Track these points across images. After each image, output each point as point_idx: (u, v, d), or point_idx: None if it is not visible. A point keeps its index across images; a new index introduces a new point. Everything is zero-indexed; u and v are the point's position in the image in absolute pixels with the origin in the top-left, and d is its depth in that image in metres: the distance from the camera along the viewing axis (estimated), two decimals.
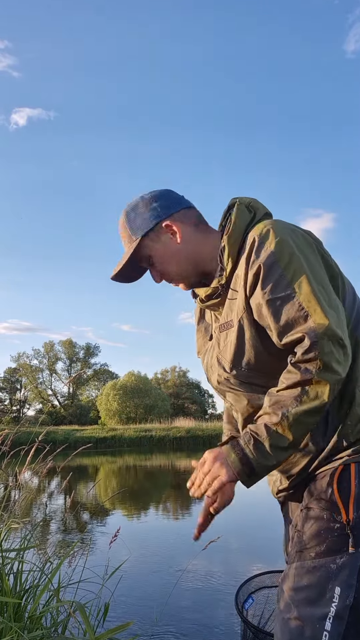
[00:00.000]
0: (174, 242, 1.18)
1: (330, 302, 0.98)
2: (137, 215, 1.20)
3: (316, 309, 0.95)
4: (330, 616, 0.93)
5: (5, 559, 1.94)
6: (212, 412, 53.01)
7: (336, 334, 0.94)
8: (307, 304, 0.96)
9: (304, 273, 0.99)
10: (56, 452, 2.54)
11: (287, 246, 1.01)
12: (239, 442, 1.00)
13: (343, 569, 0.94)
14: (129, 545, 4.57)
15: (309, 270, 1.00)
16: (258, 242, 1.04)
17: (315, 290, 0.97)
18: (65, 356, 48.82)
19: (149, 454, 21.07)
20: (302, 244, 1.04)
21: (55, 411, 45.76)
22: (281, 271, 1.00)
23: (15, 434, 2.46)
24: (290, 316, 0.98)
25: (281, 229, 1.05)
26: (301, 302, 0.97)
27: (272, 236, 1.03)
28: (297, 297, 0.97)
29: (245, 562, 4.46)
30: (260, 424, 0.98)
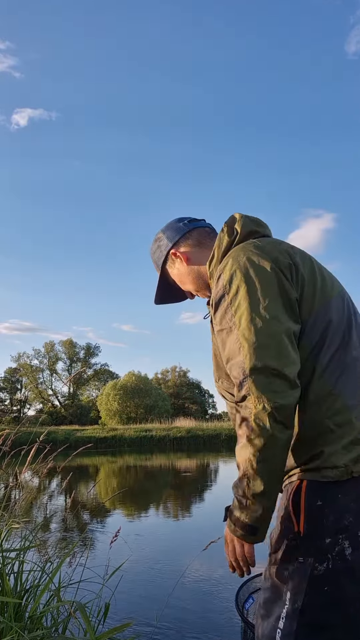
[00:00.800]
0: (183, 266, 1.36)
1: (269, 334, 1.02)
2: (156, 248, 1.42)
3: (248, 344, 1.02)
4: (283, 617, 1.03)
5: (6, 559, 1.94)
6: (213, 412, 53.04)
7: (267, 366, 0.99)
8: (242, 338, 1.03)
9: (247, 307, 1.05)
10: (57, 452, 2.54)
11: (237, 279, 1.10)
12: (233, 512, 1.09)
13: (294, 575, 1.04)
14: (130, 545, 4.57)
15: (252, 305, 1.05)
16: (218, 273, 1.16)
17: (253, 324, 1.03)
18: (65, 356, 48.84)
19: (149, 454, 21.07)
20: (255, 276, 1.09)
21: (55, 411, 45.76)
22: (227, 304, 1.09)
23: (16, 434, 2.46)
24: (229, 349, 1.07)
25: (239, 259, 1.12)
26: (238, 335, 1.04)
27: (228, 268, 1.13)
28: (236, 330, 1.05)
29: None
30: (236, 482, 1.06)
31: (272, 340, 1.02)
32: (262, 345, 1.01)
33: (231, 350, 1.06)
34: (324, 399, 1.06)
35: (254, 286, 1.08)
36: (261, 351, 1.00)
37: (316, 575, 1.02)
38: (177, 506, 7.86)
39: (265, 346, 1.01)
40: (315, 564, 1.02)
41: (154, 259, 1.44)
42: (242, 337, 1.03)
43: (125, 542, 4.45)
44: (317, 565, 1.02)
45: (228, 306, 1.09)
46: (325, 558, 1.02)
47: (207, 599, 3.45)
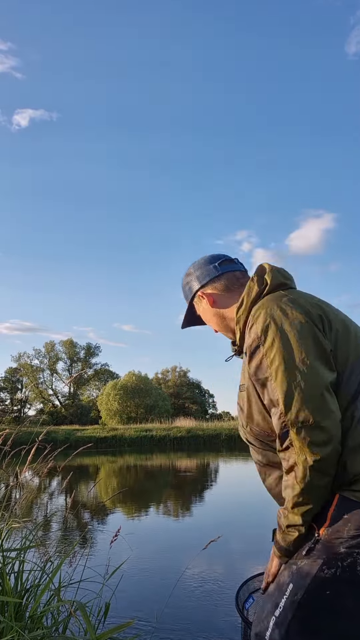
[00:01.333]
0: (208, 307, 1.46)
1: (307, 387, 1.08)
2: (186, 284, 1.53)
3: (286, 397, 1.09)
4: (281, 606, 1.11)
5: (6, 559, 1.94)
6: (213, 412, 53.04)
7: (307, 419, 1.06)
8: (279, 391, 1.10)
9: (283, 360, 1.12)
10: (57, 452, 2.54)
11: (271, 331, 1.15)
12: (275, 535, 1.21)
13: (301, 571, 1.11)
14: (130, 544, 4.57)
15: (288, 357, 1.12)
16: (251, 322, 1.22)
17: (290, 377, 1.10)
18: (66, 356, 48.84)
19: (149, 453, 21.07)
20: (289, 328, 1.15)
21: (56, 411, 45.77)
22: (263, 355, 1.15)
23: (16, 433, 2.47)
24: (267, 400, 1.15)
25: (273, 311, 1.18)
26: (275, 387, 1.11)
27: (261, 318, 1.18)
28: (272, 382, 1.12)
29: (246, 561, 4.46)
30: (279, 512, 1.18)
31: (311, 393, 1.08)
32: (300, 399, 1.07)
33: (269, 402, 1.14)
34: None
35: (289, 338, 1.13)
36: (300, 404, 1.07)
37: (321, 577, 1.07)
38: (177, 506, 7.86)
39: (303, 399, 1.07)
40: (324, 567, 1.08)
41: (184, 293, 1.55)
42: (280, 390, 1.10)
43: (126, 542, 4.45)
44: (324, 568, 1.07)
45: (263, 358, 1.15)
46: (335, 565, 1.07)
47: (207, 598, 3.45)
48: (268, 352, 1.14)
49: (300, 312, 1.17)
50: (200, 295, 1.48)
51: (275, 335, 1.14)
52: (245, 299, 1.32)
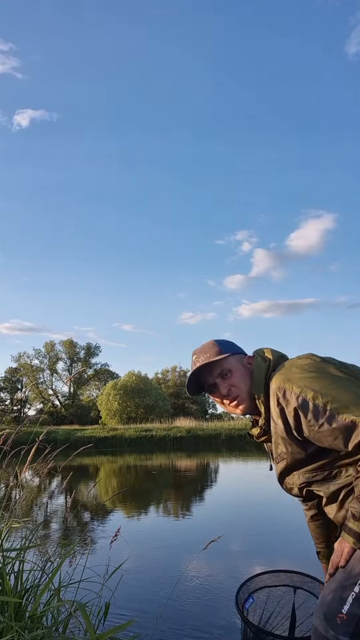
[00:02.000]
0: (247, 365, 1.59)
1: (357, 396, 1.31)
2: (210, 350, 1.62)
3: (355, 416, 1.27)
4: (354, 593, 1.23)
5: (6, 559, 1.94)
6: (213, 412, 52.99)
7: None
8: (345, 414, 1.28)
9: (328, 395, 1.32)
10: (57, 452, 2.54)
11: (305, 386, 1.35)
12: (347, 525, 1.32)
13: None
14: (130, 544, 4.57)
15: (326, 389, 1.33)
16: (282, 391, 1.39)
17: (350, 397, 1.30)
18: (66, 356, 48.83)
19: (149, 453, 21.07)
20: (313, 375, 1.37)
21: (56, 411, 45.76)
22: (312, 404, 1.33)
23: (16, 433, 2.47)
24: (342, 428, 1.29)
25: (294, 374, 1.39)
26: (340, 416, 1.29)
27: (290, 384, 1.38)
28: (336, 415, 1.29)
29: (246, 561, 4.46)
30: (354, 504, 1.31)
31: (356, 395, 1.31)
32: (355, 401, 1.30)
33: (343, 428, 1.29)
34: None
35: (323, 379, 1.36)
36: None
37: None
38: (177, 506, 7.86)
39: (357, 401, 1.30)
40: None
41: (223, 348, 1.61)
42: (346, 413, 1.28)
43: (126, 542, 4.45)
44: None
45: (314, 405, 1.32)
46: None
47: (207, 598, 3.45)
48: (315, 397, 1.33)
49: (314, 358, 1.44)
50: (248, 357, 1.62)
51: (309, 386, 1.35)
52: (256, 374, 1.51)
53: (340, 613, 1.23)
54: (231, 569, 4.18)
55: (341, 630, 1.22)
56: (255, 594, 2.12)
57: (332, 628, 1.24)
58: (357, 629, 1.21)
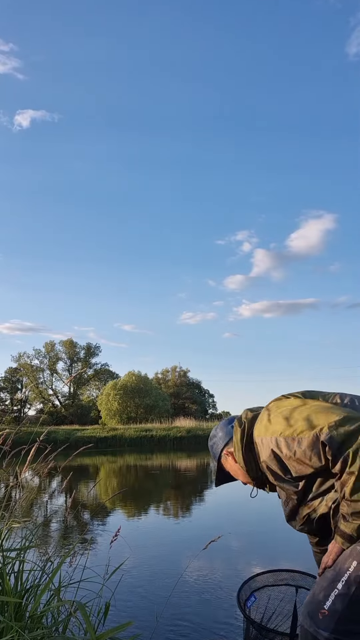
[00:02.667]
0: (233, 462, 1.71)
1: (328, 409, 1.42)
2: (213, 444, 1.81)
3: (325, 424, 1.36)
4: (343, 580, 1.29)
5: (6, 559, 1.94)
6: (213, 412, 52.99)
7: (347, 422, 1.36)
8: (317, 425, 1.38)
9: (294, 425, 1.43)
10: (57, 452, 2.54)
11: (274, 430, 1.48)
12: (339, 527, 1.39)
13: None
14: (130, 544, 4.58)
15: (293, 421, 1.45)
16: (259, 440, 1.54)
17: (315, 414, 1.42)
18: (66, 356, 48.81)
19: (149, 453, 21.07)
20: (282, 416, 1.49)
21: (56, 411, 45.74)
22: (283, 439, 1.44)
23: (16, 433, 2.46)
24: (310, 445, 1.39)
25: (268, 416, 1.54)
26: (306, 436, 1.39)
27: (264, 431, 1.52)
28: (302, 437, 1.39)
29: (246, 561, 4.46)
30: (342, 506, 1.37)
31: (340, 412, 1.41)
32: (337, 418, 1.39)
33: (313, 450, 1.39)
34: None
35: (290, 416, 1.47)
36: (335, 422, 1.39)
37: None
38: (177, 506, 7.86)
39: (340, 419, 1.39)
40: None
41: (212, 453, 1.81)
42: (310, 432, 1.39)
43: (126, 542, 4.45)
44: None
45: (285, 440, 1.44)
46: None
47: (208, 597, 3.45)
48: (283, 432, 1.46)
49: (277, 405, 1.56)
50: (225, 453, 1.74)
51: (275, 430, 1.48)
52: (236, 442, 1.63)
53: (323, 609, 1.29)
54: (231, 569, 4.18)
55: (322, 625, 1.28)
56: (257, 593, 2.12)
57: (314, 623, 1.30)
58: (338, 624, 1.25)
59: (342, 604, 1.26)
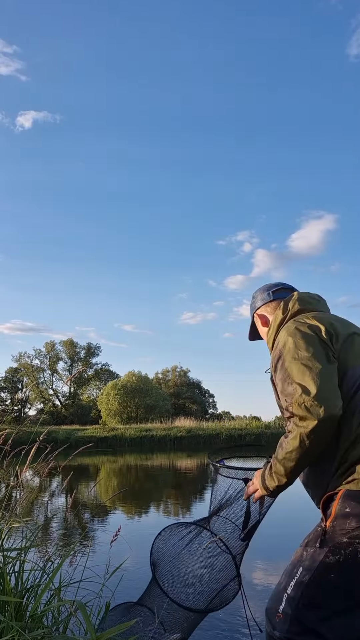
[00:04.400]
0: (260, 325, 1.92)
1: (313, 376, 1.38)
2: (250, 304, 2.01)
3: (298, 385, 1.38)
4: (292, 584, 1.38)
5: (7, 559, 1.95)
6: (213, 412, 52.99)
7: (310, 396, 1.34)
8: (296, 381, 1.40)
9: (295, 363, 1.44)
10: (57, 452, 2.54)
11: (287, 348, 1.51)
12: (263, 471, 1.56)
13: (310, 557, 1.38)
14: (130, 544, 4.57)
15: (297, 360, 1.44)
16: (277, 344, 1.61)
17: (300, 372, 1.41)
18: (66, 356, 48.83)
19: (149, 453, 21.07)
20: (300, 339, 1.50)
21: (56, 411, 45.76)
22: (282, 362, 1.50)
23: (17, 433, 2.47)
24: (286, 390, 1.42)
25: (289, 334, 1.55)
26: (293, 379, 1.41)
27: (283, 338, 1.57)
28: (291, 378, 1.42)
29: (246, 560, 4.46)
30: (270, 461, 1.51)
31: (319, 379, 1.37)
32: (307, 383, 1.37)
33: (287, 391, 1.42)
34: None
35: (299, 346, 1.48)
36: (307, 387, 1.36)
37: (326, 562, 1.32)
38: (178, 505, 7.87)
39: (309, 384, 1.36)
40: (329, 554, 1.33)
41: (251, 307, 2.00)
42: (296, 381, 1.40)
43: (126, 542, 4.45)
44: (329, 555, 1.33)
45: (283, 364, 1.49)
46: (338, 552, 1.32)
47: None
48: (285, 359, 1.48)
49: (308, 329, 1.53)
50: (256, 315, 1.92)
51: (290, 345, 1.50)
52: (272, 324, 1.74)
53: (278, 612, 1.38)
54: None
55: (278, 627, 1.38)
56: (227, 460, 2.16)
57: (272, 624, 1.41)
58: (292, 626, 1.34)
59: (291, 608, 1.35)
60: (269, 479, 1.49)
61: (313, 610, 1.32)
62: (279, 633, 1.37)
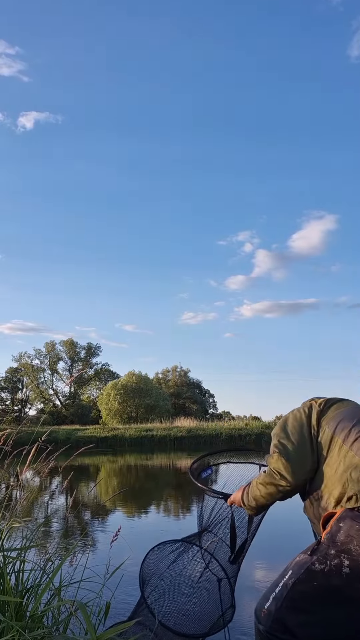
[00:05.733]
0: None
1: (288, 453, 1.69)
2: None
3: (272, 457, 1.72)
4: (280, 585, 1.49)
5: (7, 558, 1.95)
6: (213, 412, 53.00)
7: (278, 466, 1.68)
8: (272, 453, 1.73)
9: (277, 441, 1.74)
10: (58, 452, 2.54)
11: (276, 430, 1.81)
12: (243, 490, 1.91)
13: (299, 563, 1.51)
14: (130, 544, 4.57)
15: (281, 439, 1.74)
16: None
17: (276, 448, 1.72)
18: (66, 356, 48.84)
19: (150, 453, 21.07)
20: (286, 428, 1.79)
21: (56, 411, 45.77)
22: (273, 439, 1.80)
23: (17, 433, 2.47)
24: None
25: (283, 419, 1.86)
26: (272, 450, 1.74)
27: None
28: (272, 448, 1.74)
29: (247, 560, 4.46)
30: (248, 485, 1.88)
31: (289, 456, 1.70)
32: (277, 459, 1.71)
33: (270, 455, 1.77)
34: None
35: (284, 433, 1.77)
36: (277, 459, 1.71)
37: (312, 570, 1.43)
38: (178, 505, 7.87)
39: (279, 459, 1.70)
40: (316, 562, 1.44)
41: None
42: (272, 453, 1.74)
43: (126, 542, 4.45)
44: (316, 563, 1.43)
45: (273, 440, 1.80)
46: (325, 562, 1.42)
47: None
48: (273, 437, 1.80)
49: (299, 415, 1.81)
50: None
51: (277, 432, 1.80)
52: None
53: (264, 608, 1.51)
54: None
55: (262, 622, 1.51)
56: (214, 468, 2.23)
57: (258, 618, 1.54)
58: (275, 624, 1.46)
59: (275, 607, 1.46)
60: (245, 498, 1.85)
61: (294, 612, 1.42)
62: (262, 627, 1.50)
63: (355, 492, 1.54)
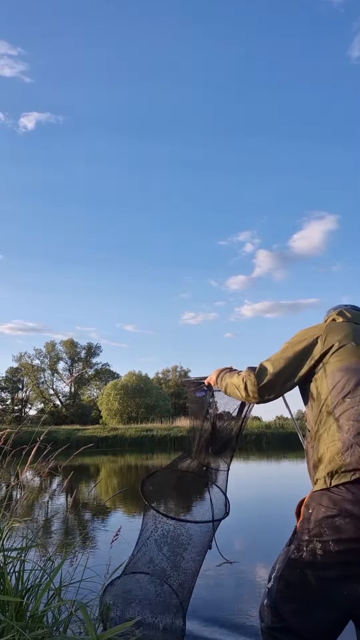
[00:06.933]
0: None
1: (274, 366, 1.78)
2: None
3: (249, 372, 1.83)
4: (272, 576, 1.55)
5: (7, 558, 1.95)
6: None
7: (254, 377, 1.79)
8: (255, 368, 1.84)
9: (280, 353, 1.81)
10: (58, 452, 2.54)
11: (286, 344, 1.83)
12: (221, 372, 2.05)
13: (283, 553, 1.56)
14: (130, 544, 4.57)
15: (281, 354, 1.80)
16: None
17: (272, 359, 1.81)
18: (66, 356, 48.84)
19: (150, 453, 21.08)
20: (295, 341, 1.80)
21: (57, 411, 45.76)
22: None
23: (17, 433, 2.47)
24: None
25: (297, 334, 1.84)
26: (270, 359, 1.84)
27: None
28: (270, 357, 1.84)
29: (247, 560, 4.46)
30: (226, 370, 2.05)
31: (272, 369, 1.79)
32: (262, 369, 1.82)
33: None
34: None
35: (287, 349, 1.80)
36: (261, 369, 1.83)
37: (292, 559, 1.50)
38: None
39: (263, 370, 1.82)
40: (294, 551, 1.50)
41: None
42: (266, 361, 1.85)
43: (126, 542, 4.45)
44: (294, 552, 1.50)
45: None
46: (301, 549, 1.48)
47: (208, 596, 3.45)
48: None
49: (311, 333, 1.79)
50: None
51: (287, 346, 1.83)
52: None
53: (264, 605, 1.54)
54: (231, 568, 4.18)
55: (265, 619, 1.54)
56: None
57: (261, 616, 1.57)
58: (273, 617, 1.49)
59: (270, 601, 1.51)
60: (219, 381, 2.01)
61: (286, 602, 1.47)
62: (264, 624, 1.53)
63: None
